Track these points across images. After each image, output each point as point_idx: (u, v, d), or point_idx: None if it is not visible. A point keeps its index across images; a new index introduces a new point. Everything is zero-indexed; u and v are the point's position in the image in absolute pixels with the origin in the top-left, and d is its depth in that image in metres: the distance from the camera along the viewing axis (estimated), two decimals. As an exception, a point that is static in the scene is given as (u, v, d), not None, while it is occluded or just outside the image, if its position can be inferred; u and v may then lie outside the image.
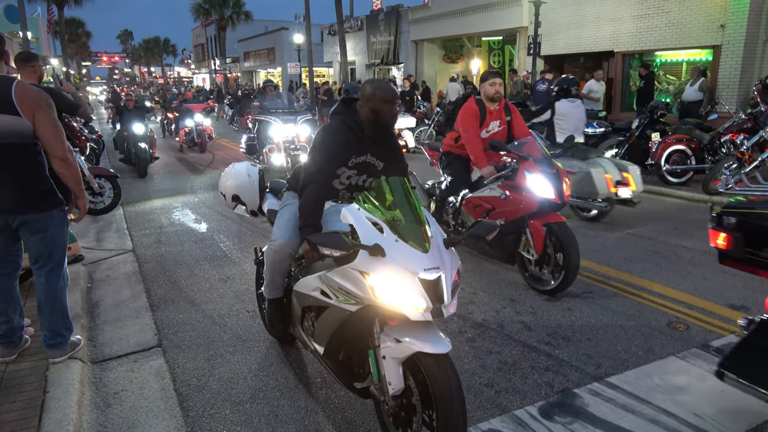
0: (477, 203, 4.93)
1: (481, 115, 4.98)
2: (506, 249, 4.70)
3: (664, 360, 3.51)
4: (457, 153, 5.26)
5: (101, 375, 3.41)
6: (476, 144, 4.90)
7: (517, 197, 4.52)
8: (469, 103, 5.08)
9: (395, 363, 2.34)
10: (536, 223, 4.44)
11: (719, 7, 12.29)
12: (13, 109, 2.92)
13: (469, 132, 4.93)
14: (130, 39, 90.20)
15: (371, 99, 2.90)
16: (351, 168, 3.05)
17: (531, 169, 4.45)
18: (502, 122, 5.10)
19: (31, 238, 3.15)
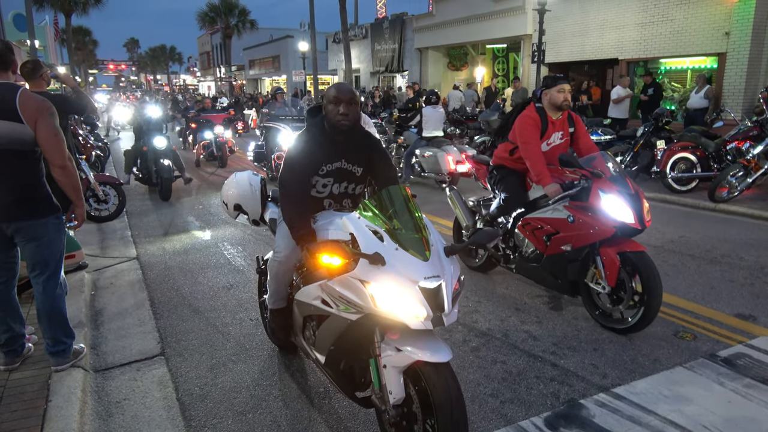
0: (537, 225, 4.34)
1: (542, 125, 4.41)
2: (569, 279, 4.18)
3: (671, 370, 3.47)
4: (512, 167, 4.69)
5: (104, 384, 3.40)
6: (538, 158, 4.29)
7: (588, 220, 3.95)
8: (529, 111, 4.47)
9: (396, 372, 2.33)
10: (610, 251, 3.88)
11: (724, 15, 12.29)
12: (16, 116, 2.94)
13: (530, 144, 4.33)
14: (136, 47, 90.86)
15: (324, 100, 2.88)
16: (324, 176, 2.96)
17: (606, 189, 3.90)
18: (565, 134, 4.53)
19: (26, 245, 3.16)
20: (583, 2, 15.50)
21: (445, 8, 21.42)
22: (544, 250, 4.29)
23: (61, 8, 38.81)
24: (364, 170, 3.06)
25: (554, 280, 4.31)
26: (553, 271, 4.27)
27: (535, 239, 4.39)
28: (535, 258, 4.46)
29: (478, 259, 5.26)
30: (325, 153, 2.93)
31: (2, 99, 2.94)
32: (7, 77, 3.07)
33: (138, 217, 8.02)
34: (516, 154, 4.56)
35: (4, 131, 2.94)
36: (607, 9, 14.82)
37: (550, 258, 4.25)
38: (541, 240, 4.31)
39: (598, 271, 4.00)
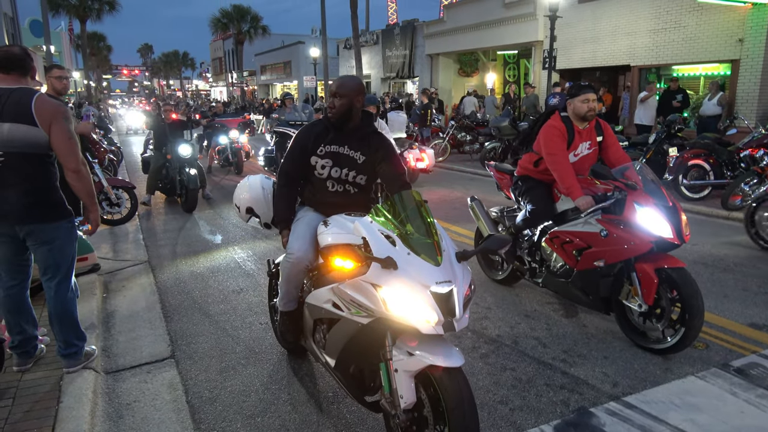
0: (566, 239, 4.14)
1: (568, 135, 4.20)
2: (601, 295, 3.98)
3: (682, 379, 3.44)
4: (538, 178, 4.52)
5: (114, 385, 3.42)
6: (566, 169, 4.08)
7: (623, 235, 3.74)
8: (554, 120, 4.26)
9: (407, 376, 2.32)
10: (647, 268, 3.67)
11: (737, 22, 12.20)
12: (32, 120, 2.99)
13: (556, 155, 4.13)
14: (149, 52, 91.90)
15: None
16: (323, 157, 3.14)
17: (642, 202, 3.71)
18: (593, 144, 4.32)
19: (39, 249, 3.19)
20: (595, 9, 15.46)
21: (456, 14, 21.46)
22: (574, 265, 4.09)
23: (76, 14, 39.37)
24: (367, 161, 3.14)
25: (585, 297, 4.10)
26: (584, 287, 4.06)
27: (564, 253, 4.18)
28: (564, 273, 4.24)
29: (501, 272, 5.11)
30: (326, 136, 3.15)
31: (19, 103, 2.98)
32: (25, 82, 3.12)
33: (150, 220, 8.08)
34: (541, 166, 4.37)
35: (19, 135, 2.98)
36: (619, 16, 14.77)
37: (580, 273, 4.05)
38: (571, 254, 4.10)
39: (633, 288, 3.78)
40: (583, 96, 4.14)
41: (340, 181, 3.16)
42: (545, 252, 4.44)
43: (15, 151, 3.01)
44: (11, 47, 3.15)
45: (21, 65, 3.09)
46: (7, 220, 3.09)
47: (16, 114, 2.98)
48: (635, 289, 3.75)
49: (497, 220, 5.10)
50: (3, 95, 2.99)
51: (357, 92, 3.09)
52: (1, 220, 3.09)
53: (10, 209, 3.06)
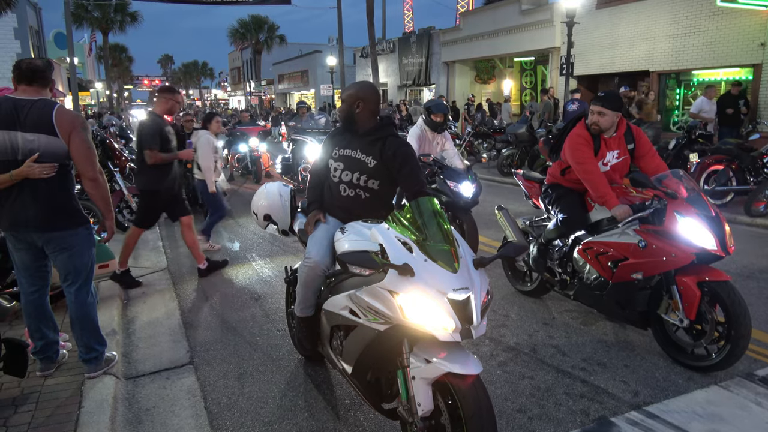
0: (601, 250, 3.93)
1: (594, 143, 4.04)
2: (638, 309, 3.80)
3: (705, 389, 3.37)
4: (568, 186, 4.36)
5: (134, 391, 3.46)
6: (598, 177, 3.90)
7: (663, 246, 3.54)
8: (579, 129, 4.10)
9: (425, 384, 2.31)
10: (688, 281, 3.48)
11: (759, 25, 12.02)
12: (52, 131, 3.06)
13: (585, 164, 3.96)
14: (170, 63, 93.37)
15: None
16: (336, 159, 3.21)
17: (683, 211, 3.53)
18: (622, 152, 4.12)
19: (58, 256, 3.25)
20: (613, 14, 15.36)
21: (473, 22, 21.47)
22: (609, 278, 3.90)
23: (99, 27, 40.20)
24: (379, 165, 3.10)
25: (620, 311, 3.90)
26: (620, 301, 3.87)
27: (598, 265, 3.97)
28: (598, 285, 4.03)
29: (529, 283, 4.95)
30: (341, 140, 3.23)
31: (41, 113, 3.06)
32: (45, 93, 3.20)
33: (170, 228, 8.17)
34: (568, 174, 4.24)
35: (40, 145, 3.06)
36: (637, 21, 14.65)
37: (616, 286, 3.86)
38: (607, 266, 3.90)
39: (674, 302, 3.58)
40: (591, 106, 4.01)
41: (352, 185, 3.16)
42: (578, 263, 4.24)
43: (36, 161, 3.07)
44: (34, 60, 3.24)
45: (42, 77, 3.17)
46: (27, 228, 3.16)
47: (39, 125, 3.05)
48: (676, 303, 3.56)
49: (525, 230, 4.95)
50: (26, 106, 3.07)
51: (356, 97, 3.12)
52: (21, 228, 3.16)
53: (30, 218, 3.13)
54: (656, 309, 3.73)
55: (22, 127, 3.04)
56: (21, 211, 3.13)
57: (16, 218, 3.14)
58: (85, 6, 38.00)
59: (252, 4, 22.68)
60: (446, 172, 5.86)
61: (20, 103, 3.08)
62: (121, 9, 40.55)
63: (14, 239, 3.23)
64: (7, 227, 3.19)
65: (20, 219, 3.14)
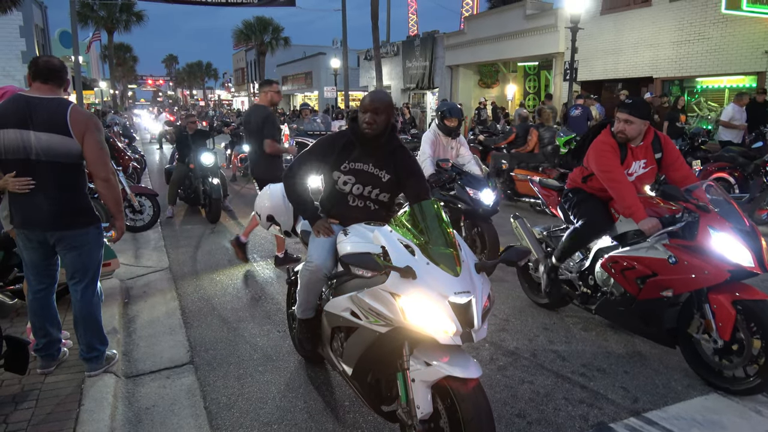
0: (628, 264, 3.72)
1: (620, 152, 3.83)
2: (666, 326, 3.62)
3: (705, 396, 3.37)
4: (590, 192, 4.16)
5: (134, 390, 3.46)
6: (626, 187, 3.68)
7: (695, 263, 3.34)
8: (604, 137, 3.90)
9: (424, 386, 2.32)
10: (723, 300, 3.28)
11: (764, 33, 12.03)
12: (66, 131, 3.07)
13: (612, 172, 3.75)
14: (174, 63, 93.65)
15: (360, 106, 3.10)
16: (345, 173, 3.11)
17: (717, 225, 3.31)
18: (649, 161, 3.91)
19: (68, 254, 3.26)
20: (617, 20, 15.38)
21: (477, 26, 21.51)
22: (636, 294, 3.71)
23: (104, 26, 40.33)
24: (392, 179, 3.11)
25: (647, 328, 3.73)
26: (647, 318, 3.69)
27: (624, 280, 3.76)
28: (623, 301, 3.84)
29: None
30: (350, 151, 3.11)
31: (55, 113, 3.07)
32: (59, 93, 3.21)
33: (172, 227, 8.20)
34: (591, 182, 4.05)
35: (54, 144, 3.06)
36: (641, 27, 14.67)
37: (643, 303, 3.68)
38: (633, 282, 3.69)
39: (707, 321, 3.37)
40: (617, 114, 3.76)
41: (362, 197, 3.15)
42: (601, 277, 4.03)
43: (49, 160, 3.09)
44: (51, 58, 3.24)
45: (59, 76, 3.18)
46: (40, 227, 3.17)
47: (52, 124, 3.05)
48: (709, 323, 3.36)
49: (543, 240, 4.77)
50: (39, 104, 3.07)
51: (392, 107, 3.06)
52: (34, 227, 3.18)
53: (43, 217, 3.15)
54: (686, 327, 3.53)
55: (35, 125, 3.03)
56: (34, 210, 3.13)
57: (30, 217, 3.16)
58: (90, 5, 38.12)
59: (257, 5, 22.69)
60: (465, 178, 5.67)
61: (33, 101, 3.08)
62: (127, 9, 40.65)
63: (25, 237, 3.23)
64: (19, 225, 3.20)
65: (33, 217, 3.15)
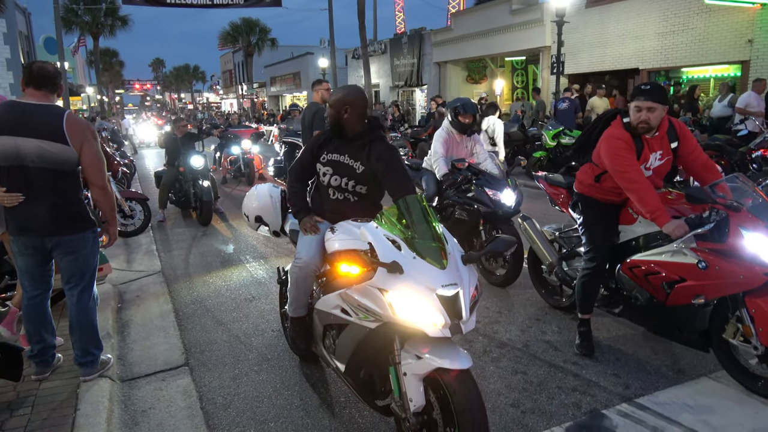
0: (652, 269, 3.44)
1: (635, 145, 3.46)
2: (698, 329, 3.39)
3: (696, 381, 3.43)
4: (602, 199, 3.75)
5: (130, 393, 3.47)
6: (646, 188, 3.32)
7: (728, 267, 3.08)
8: (615, 129, 3.49)
9: (416, 379, 2.35)
10: (762, 304, 3.04)
11: (747, 22, 12.14)
12: (63, 139, 3.07)
13: (629, 172, 3.37)
14: (161, 67, 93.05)
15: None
16: (324, 164, 3.24)
17: (749, 225, 3.06)
18: (666, 152, 3.56)
19: (64, 258, 3.27)
20: (602, 13, 15.47)
21: (464, 22, 21.55)
22: (663, 300, 3.45)
23: (89, 31, 40.04)
24: (366, 170, 3.14)
25: (677, 332, 3.51)
26: (677, 323, 3.46)
27: (649, 286, 3.50)
28: (650, 306, 3.60)
29: (565, 298, 4.52)
30: (329, 144, 3.26)
31: (51, 122, 3.06)
32: (53, 99, 3.21)
33: (163, 231, 8.18)
34: (606, 182, 3.66)
35: (50, 152, 3.06)
36: (626, 19, 14.75)
37: (672, 309, 3.44)
38: (660, 288, 3.42)
39: (746, 326, 3.14)
40: (636, 102, 3.37)
41: (340, 189, 3.21)
42: (623, 280, 3.75)
43: (45, 167, 3.08)
44: (46, 64, 3.23)
45: (52, 83, 3.18)
46: (37, 233, 3.17)
47: (47, 132, 3.04)
48: (748, 329, 3.12)
49: (554, 240, 4.55)
50: (33, 111, 3.06)
51: (344, 102, 3.11)
52: (31, 233, 3.17)
53: (41, 223, 3.15)
54: (720, 330, 3.30)
55: (29, 132, 3.02)
56: (31, 217, 3.13)
57: (26, 223, 3.15)
58: (75, 11, 37.83)
59: (243, 6, 22.60)
60: (483, 178, 5.26)
61: (27, 107, 3.07)
62: (112, 13, 40.35)
63: (21, 244, 3.23)
64: (15, 232, 3.19)
65: (30, 224, 3.15)
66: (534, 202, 8.64)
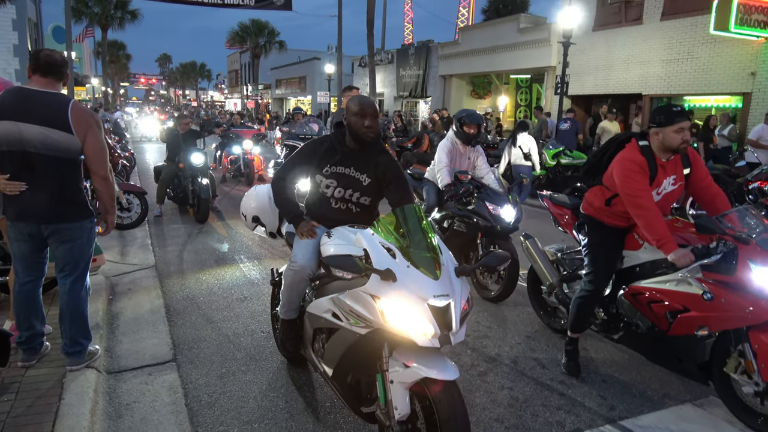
0: (655, 297, 3.39)
1: (650, 169, 3.43)
2: (698, 361, 3.32)
3: (680, 406, 3.44)
4: (610, 223, 3.69)
5: (115, 385, 3.47)
6: (654, 215, 3.30)
7: (734, 300, 3.01)
8: (631, 152, 3.47)
9: (402, 388, 2.36)
10: (766, 339, 2.98)
11: (750, 55, 12.26)
12: (67, 127, 3.09)
13: (640, 197, 3.35)
14: (168, 62, 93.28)
15: (347, 111, 3.11)
16: (327, 177, 3.17)
17: (758, 259, 3.00)
18: (678, 178, 3.55)
19: (60, 246, 3.27)
20: (608, 37, 15.59)
21: (471, 37, 21.69)
22: (665, 329, 3.39)
23: (98, 23, 40.16)
24: (373, 183, 3.16)
25: (677, 363, 3.45)
26: (678, 353, 3.40)
27: (651, 314, 3.45)
28: (651, 334, 3.55)
29: (564, 320, 4.34)
30: (333, 156, 3.16)
31: (56, 109, 3.08)
32: (58, 88, 3.23)
33: (159, 226, 8.18)
34: (617, 206, 3.59)
35: (53, 139, 3.08)
36: (632, 44, 14.88)
37: (674, 339, 3.38)
38: (662, 317, 3.36)
39: (747, 362, 3.08)
40: (678, 125, 3.34)
41: (344, 200, 3.21)
42: (624, 306, 3.69)
43: (47, 154, 3.10)
44: (53, 52, 3.25)
45: (59, 71, 3.20)
46: (35, 220, 3.18)
47: (52, 119, 3.06)
48: (750, 364, 3.06)
49: (556, 261, 4.44)
50: (38, 97, 3.08)
51: (366, 113, 3.06)
52: (29, 220, 3.18)
53: (39, 210, 3.16)
54: (721, 364, 3.23)
55: (33, 119, 3.04)
56: (30, 203, 3.14)
57: (25, 210, 3.16)
58: (85, 1, 37.96)
59: (253, 7, 22.72)
60: (484, 192, 5.27)
61: (32, 94, 3.09)
62: (122, 6, 40.53)
63: (17, 229, 3.23)
64: (13, 218, 3.20)
65: (29, 210, 3.16)
66: (531, 220, 8.67)
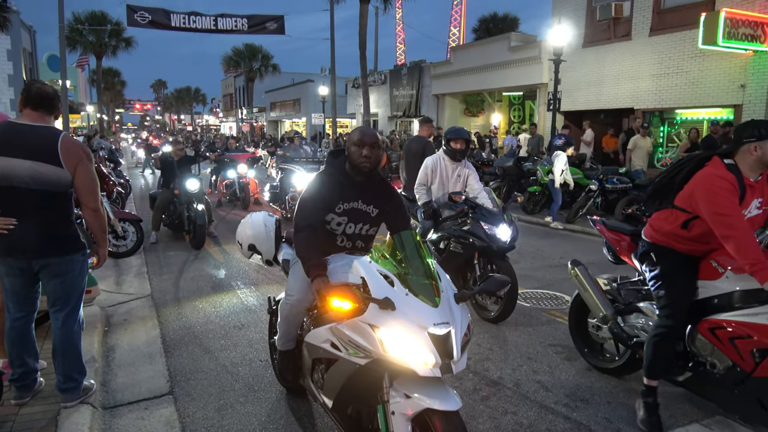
0: (741, 332, 3.00)
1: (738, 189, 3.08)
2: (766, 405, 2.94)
3: (686, 427, 3.39)
4: (683, 250, 3.34)
5: (111, 421, 3.39)
6: (747, 237, 2.93)
7: None
8: (718, 169, 3.13)
9: (404, 419, 2.31)
10: None
11: (739, 68, 12.40)
12: (57, 161, 3.06)
13: (731, 217, 2.98)
14: (163, 87, 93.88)
15: (348, 140, 3.02)
16: (340, 214, 3.03)
17: None
18: (766, 200, 3.22)
19: (51, 281, 3.22)
20: (598, 54, 15.77)
21: (463, 56, 21.93)
22: (750, 370, 2.99)
23: (92, 51, 40.51)
24: (379, 213, 3.12)
25: (760, 411, 2.98)
26: (762, 399, 2.95)
27: (734, 351, 3.04)
28: (729, 376, 3.12)
29: (617, 357, 4.01)
30: (342, 192, 3.02)
31: (45, 143, 3.06)
32: (49, 121, 3.21)
33: (155, 254, 8.12)
34: (694, 229, 3.23)
35: (41, 173, 3.04)
36: (622, 60, 15.04)
37: (758, 381, 2.96)
38: (747, 354, 2.98)
39: None
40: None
41: (352, 237, 3.11)
42: (698, 343, 3.29)
43: (37, 188, 3.06)
44: (44, 85, 3.24)
45: (50, 104, 3.19)
46: (25, 254, 3.14)
47: (41, 153, 3.04)
48: None
49: (609, 292, 4.03)
50: (27, 131, 3.06)
51: (377, 145, 2.97)
52: (19, 254, 3.14)
53: (29, 244, 3.11)
54: None
55: (22, 153, 3.01)
56: (20, 238, 3.09)
57: (15, 244, 3.11)
58: (79, 30, 38.30)
59: (247, 32, 22.97)
60: (479, 212, 5.22)
61: (22, 128, 3.07)
62: (116, 34, 40.91)
63: (8, 265, 3.19)
64: (4, 253, 3.15)
65: (19, 245, 3.11)
66: (528, 238, 8.66)
